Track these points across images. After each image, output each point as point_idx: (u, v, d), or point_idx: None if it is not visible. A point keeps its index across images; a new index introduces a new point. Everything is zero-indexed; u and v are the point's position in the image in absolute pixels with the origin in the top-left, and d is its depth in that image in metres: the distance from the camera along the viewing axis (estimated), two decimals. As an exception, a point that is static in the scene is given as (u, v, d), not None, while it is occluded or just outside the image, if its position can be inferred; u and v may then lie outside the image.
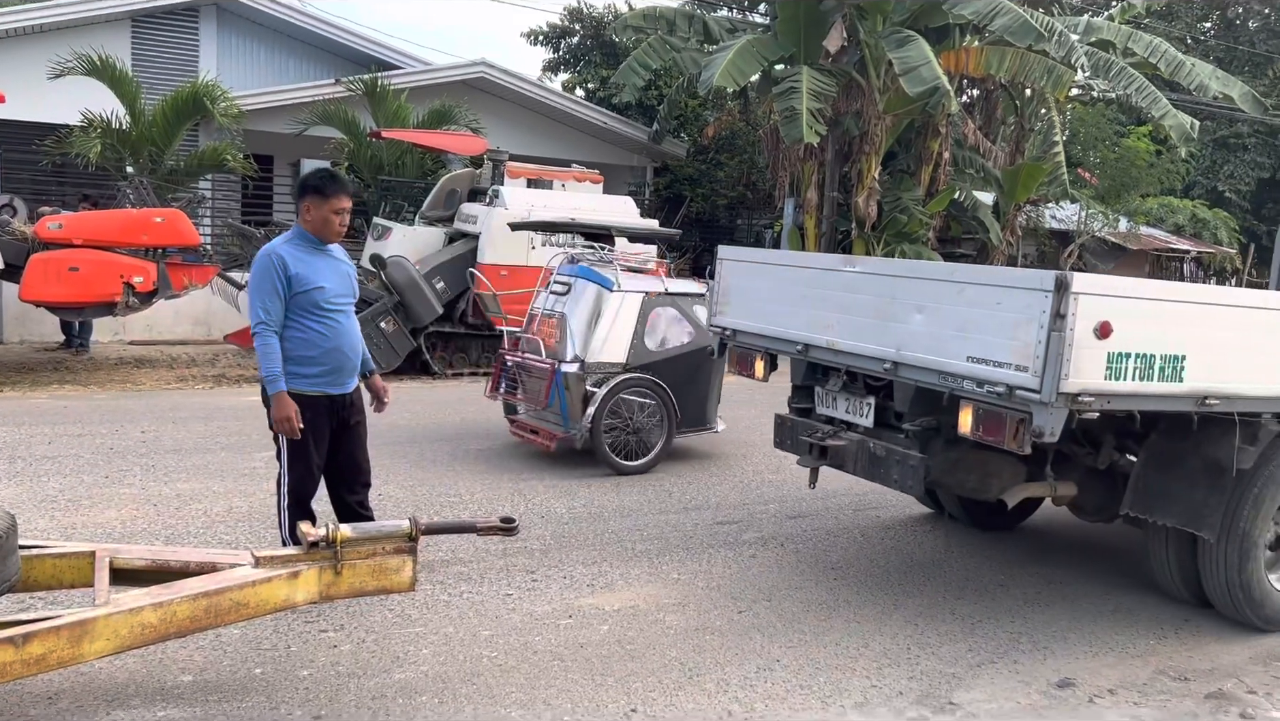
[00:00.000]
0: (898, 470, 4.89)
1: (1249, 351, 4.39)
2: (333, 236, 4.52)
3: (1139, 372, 4.06)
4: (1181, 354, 4.15)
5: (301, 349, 4.43)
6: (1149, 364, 4.08)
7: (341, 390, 4.58)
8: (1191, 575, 5.03)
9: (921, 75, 13.12)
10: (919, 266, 4.78)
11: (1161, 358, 4.11)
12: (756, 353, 5.61)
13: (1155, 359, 4.09)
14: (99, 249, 10.17)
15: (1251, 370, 4.41)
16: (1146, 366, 4.08)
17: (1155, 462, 4.89)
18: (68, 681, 3.76)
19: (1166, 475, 4.83)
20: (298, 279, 4.38)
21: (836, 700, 4.06)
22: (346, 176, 15.14)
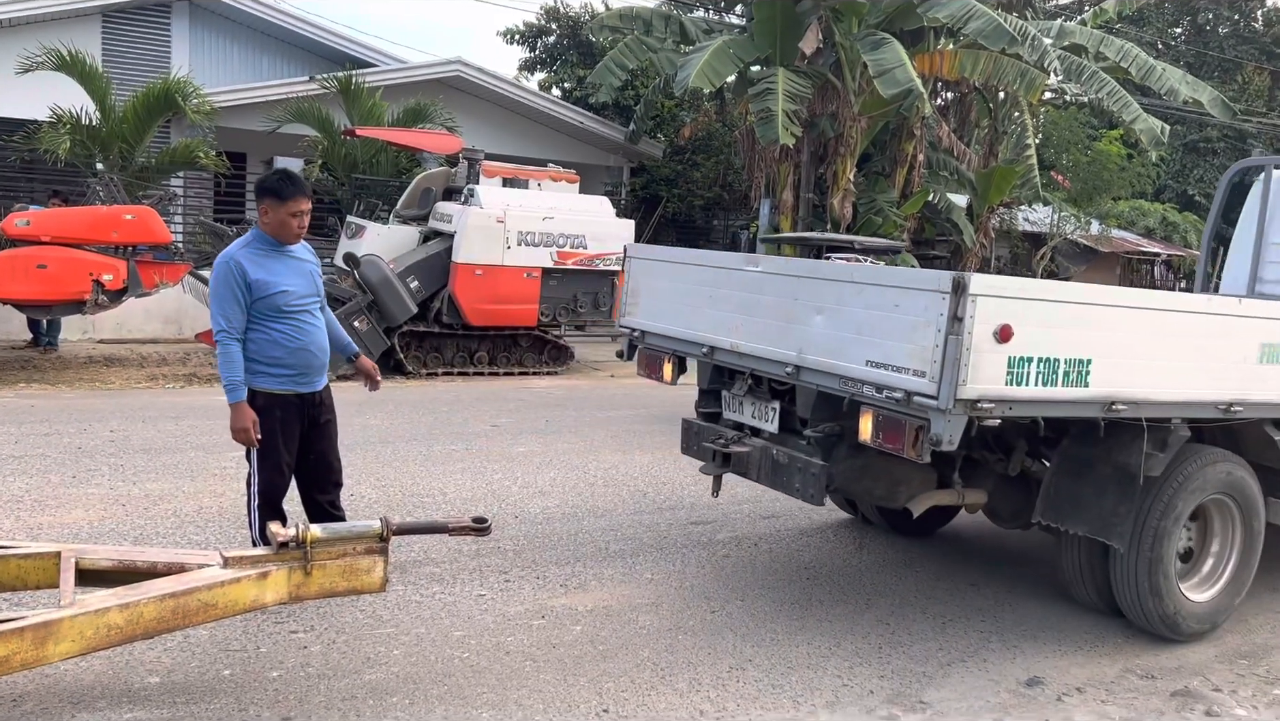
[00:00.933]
0: (799, 478, 4.68)
1: (1157, 355, 4.26)
2: (291, 239, 4.47)
3: (1042, 378, 3.92)
4: (1087, 358, 4.02)
5: (268, 350, 4.40)
6: (1053, 368, 3.94)
7: (311, 389, 4.55)
8: (1103, 584, 4.90)
9: (896, 78, 13.20)
10: (819, 267, 4.61)
11: (1066, 362, 3.97)
12: (664, 355, 5.39)
13: (1059, 363, 3.95)
14: (68, 246, 10.05)
15: (1160, 374, 4.28)
16: (1050, 371, 3.94)
17: (1067, 469, 4.76)
18: (32, 683, 3.71)
19: (1078, 482, 4.71)
20: (258, 284, 4.32)
21: (808, 699, 4.08)
22: (304, 177, 15.08)
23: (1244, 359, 4.53)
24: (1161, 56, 21.56)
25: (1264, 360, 4.61)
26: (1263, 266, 7.22)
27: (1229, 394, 4.54)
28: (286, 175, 4.54)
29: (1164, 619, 4.75)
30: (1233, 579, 5.00)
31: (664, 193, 19.65)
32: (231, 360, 4.32)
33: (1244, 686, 4.50)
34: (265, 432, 4.40)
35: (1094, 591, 4.98)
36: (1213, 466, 4.78)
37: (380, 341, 11.62)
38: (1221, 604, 4.98)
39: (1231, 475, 4.87)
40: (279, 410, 4.42)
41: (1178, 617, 4.78)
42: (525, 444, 8.47)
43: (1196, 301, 4.51)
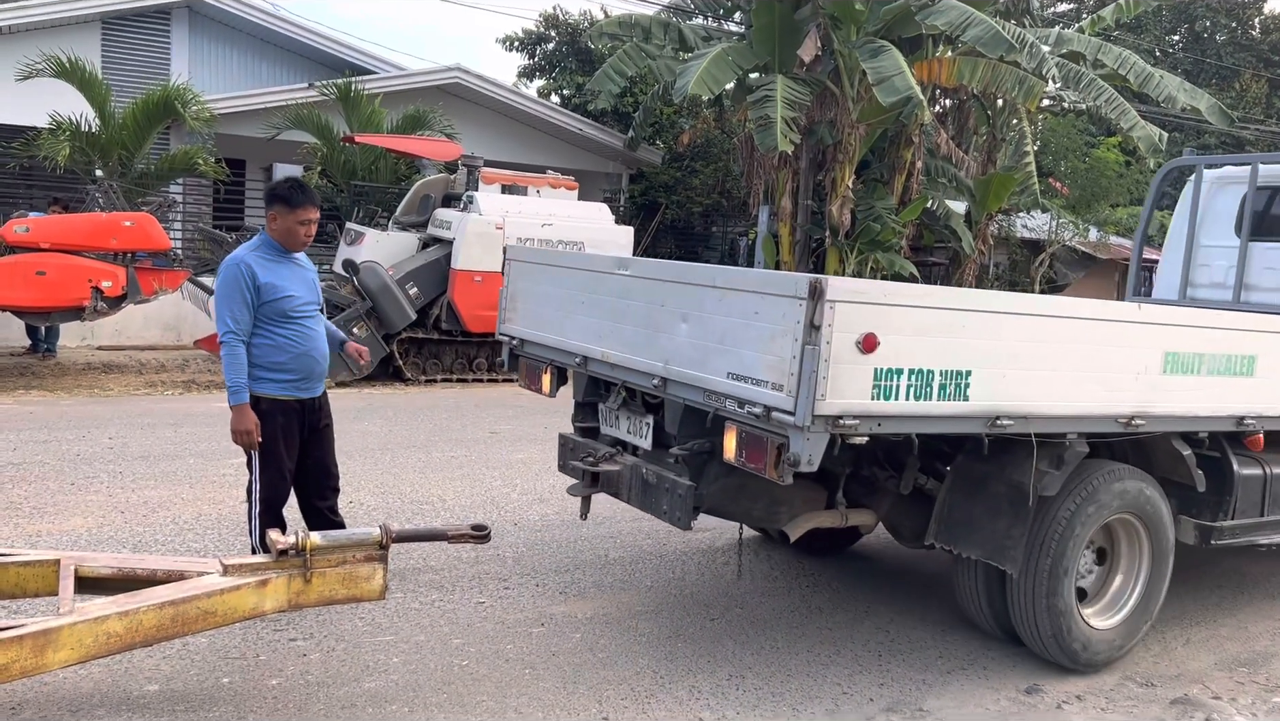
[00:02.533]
0: (667, 499, 4.31)
1: (1046, 365, 3.93)
2: (298, 246, 4.51)
3: (914, 391, 3.59)
4: (965, 369, 3.69)
5: (271, 355, 4.41)
6: (926, 381, 3.62)
7: (311, 394, 4.57)
8: (1001, 610, 4.57)
9: (895, 85, 13.21)
10: (685, 270, 4.21)
11: (942, 374, 3.64)
12: (542, 365, 5.04)
13: (934, 375, 3.63)
14: (67, 253, 10.06)
15: (1050, 386, 3.95)
16: (923, 384, 3.61)
17: (960, 488, 4.44)
18: (31, 691, 3.71)
19: (971, 502, 4.39)
20: (267, 288, 4.36)
21: (808, 707, 4.07)
22: (314, 187, 15.07)
23: (1145, 369, 4.20)
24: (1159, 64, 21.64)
25: (1169, 370, 4.28)
26: (1194, 270, 6.97)
27: (1129, 406, 4.21)
28: (297, 184, 4.57)
29: (1063, 647, 4.42)
30: (1140, 603, 4.68)
31: (663, 199, 19.67)
32: (237, 362, 4.33)
33: (1243, 694, 4.50)
34: (267, 439, 4.41)
35: (991, 618, 4.65)
36: (1116, 484, 4.44)
37: (379, 348, 11.61)
38: (1128, 630, 4.66)
39: (1137, 493, 4.53)
40: (280, 416, 4.43)
41: (1077, 646, 4.44)
42: (524, 450, 8.47)
43: (1089, 307, 4.13)
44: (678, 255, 19.19)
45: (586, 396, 4.94)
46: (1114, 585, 4.72)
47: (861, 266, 15.30)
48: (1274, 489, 5.08)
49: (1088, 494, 4.34)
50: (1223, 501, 4.92)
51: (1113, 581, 4.72)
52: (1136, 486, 4.53)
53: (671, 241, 19.76)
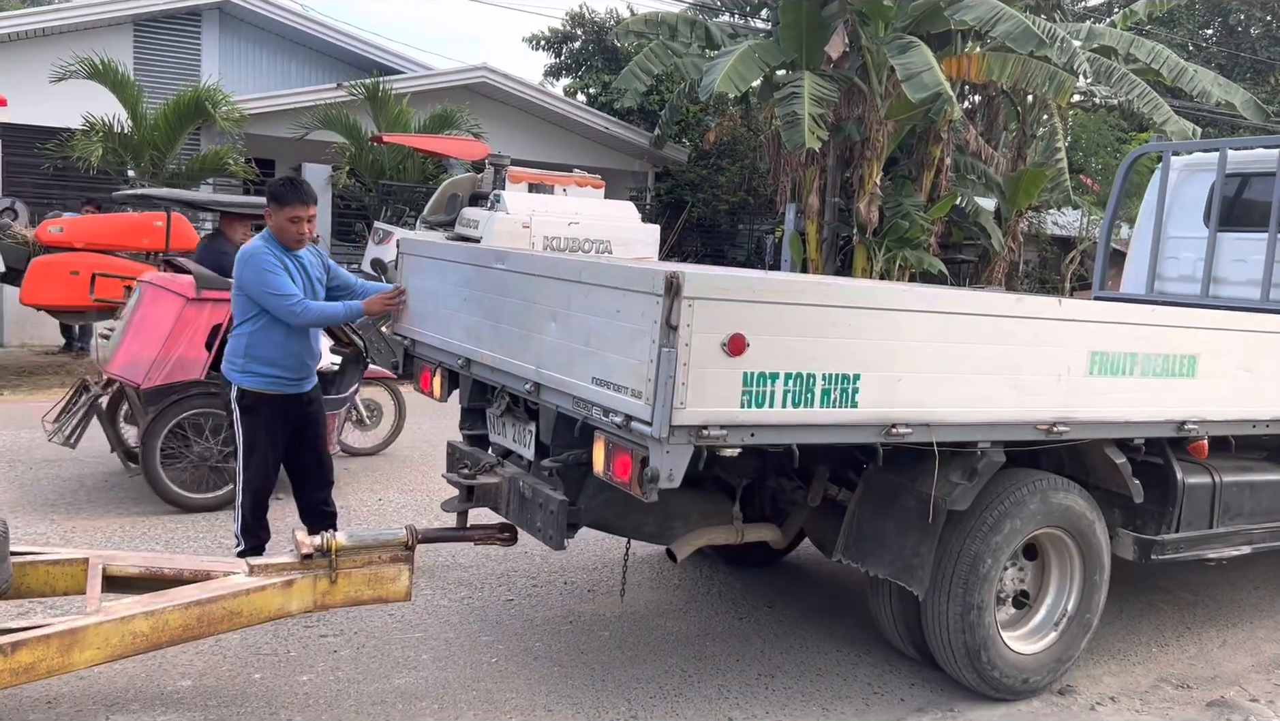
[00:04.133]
0: (540, 515, 3.98)
1: (952, 367, 3.58)
2: (291, 243, 4.52)
3: (793, 397, 3.25)
4: (854, 372, 3.36)
5: (262, 348, 4.47)
6: (807, 386, 3.28)
7: (300, 390, 4.64)
8: (916, 629, 4.21)
9: (923, 81, 13.13)
10: (553, 264, 3.89)
11: (825, 378, 3.30)
12: (429, 367, 4.71)
13: (815, 379, 3.29)
14: (100, 252, 10.17)
15: (955, 390, 3.60)
16: (803, 389, 3.27)
17: (870, 500, 4.08)
18: (67, 686, 3.75)
19: (881, 516, 4.02)
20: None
21: (838, 707, 4.05)
22: (343, 186, 15.14)
23: (1067, 370, 3.84)
24: (1193, 58, 21.32)
25: (1096, 371, 3.91)
26: (1162, 263, 6.62)
27: (1049, 412, 3.85)
28: (290, 181, 4.60)
29: (982, 675, 4.06)
30: (1073, 624, 4.30)
31: (689, 197, 19.63)
32: (324, 311, 4.60)
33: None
34: (252, 432, 4.49)
35: (907, 640, 4.30)
36: (1040, 496, 4.07)
37: (407, 346, 11.66)
38: (1058, 654, 4.28)
39: (1064, 505, 4.15)
40: (266, 410, 4.50)
41: (997, 673, 4.08)
42: (552, 449, 8.46)
43: (999, 303, 3.83)
44: (703, 254, 19.15)
45: (473, 401, 4.63)
46: (1043, 606, 4.33)
47: (890, 264, 15.22)
48: (1225, 499, 4.66)
49: (1006, 508, 3.97)
50: (1165, 513, 4.51)
51: (1041, 602, 4.34)
52: (1063, 498, 4.15)
53: (697, 240, 19.72)
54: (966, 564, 3.94)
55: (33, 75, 13.56)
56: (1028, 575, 4.32)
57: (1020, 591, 4.29)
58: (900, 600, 4.19)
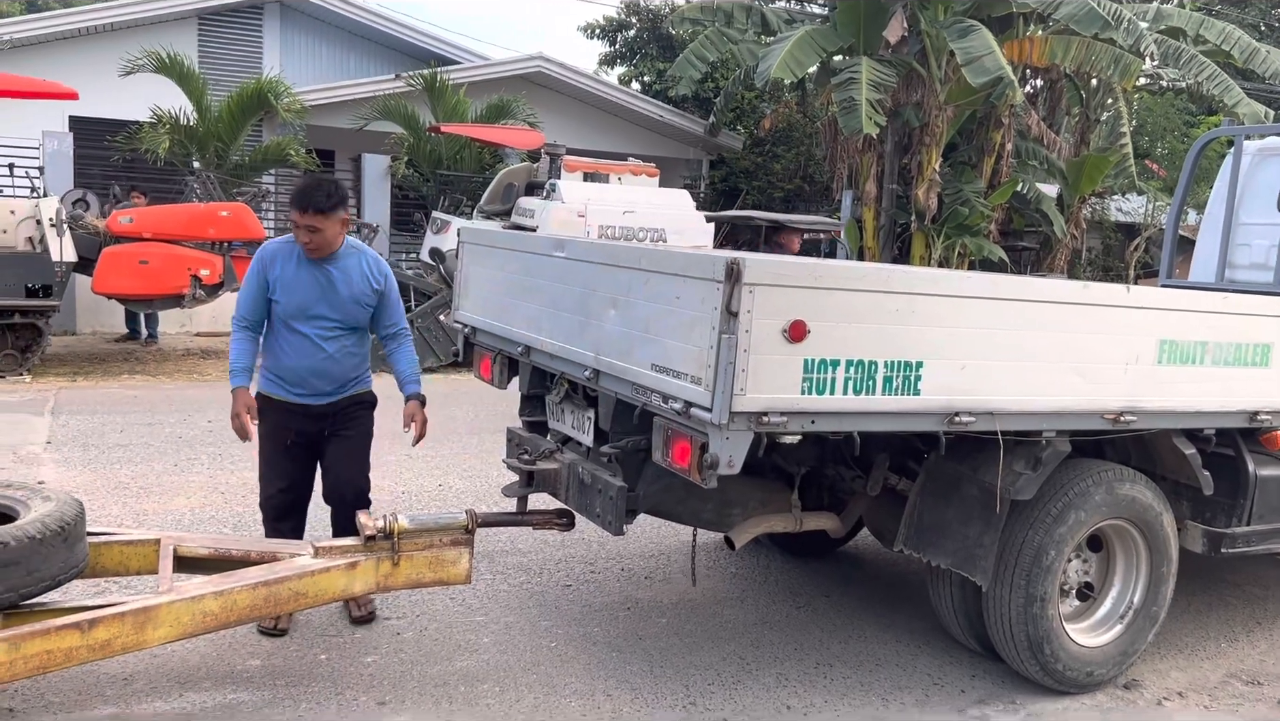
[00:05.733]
0: (599, 501, 3.99)
1: (1017, 355, 3.53)
2: (302, 248, 4.18)
3: (854, 384, 3.24)
4: (916, 360, 3.32)
5: (269, 355, 4.31)
6: (868, 373, 3.26)
7: (314, 401, 4.30)
8: (977, 620, 4.16)
9: (984, 65, 12.91)
10: (614, 251, 3.92)
11: (887, 365, 3.28)
12: (490, 354, 4.75)
13: (877, 366, 3.27)
14: (168, 242, 10.42)
15: (1022, 378, 3.56)
16: (865, 376, 3.25)
17: (932, 489, 4.04)
18: (141, 663, 3.86)
19: (943, 505, 3.99)
20: (273, 283, 4.20)
21: (897, 697, 4.03)
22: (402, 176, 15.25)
23: (1136, 359, 3.77)
24: (1265, 39, 20.69)
25: (1165, 360, 3.84)
26: (1233, 250, 6.41)
27: (1116, 401, 3.77)
28: (307, 183, 4.26)
29: (1045, 667, 4.01)
30: (1139, 617, 4.23)
31: (744, 185, 19.54)
32: (237, 347, 4.23)
33: (1358, 695, 4.31)
34: (260, 435, 4.30)
35: (968, 631, 4.25)
36: (1105, 487, 4.00)
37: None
38: (1124, 647, 4.21)
39: (1131, 496, 4.07)
40: (272, 414, 4.28)
41: (1060, 666, 4.02)
42: (608, 436, 8.51)
43: (1067, 290, 3.75)
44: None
45: (532, 388, 4.61)
46: (1108, 598, 4.27)
47: (949, 251, 15.01)
48: None
49: (1071, 498, 3.92)
50: (1236, 505, 4.40)
51: (1106, 594, 4.28)
52: (1129, 489, 4.07)
53: (752, 228, 19.63)
54: (1030, 555, 3.89)
55: (102, 69, 13.91)
56: (1092, 567, 4.26)
57: (1084, 583, 4.23)
58: (961, 591, 4.16)
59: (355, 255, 4.30)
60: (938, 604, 4.35)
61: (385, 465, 7.17)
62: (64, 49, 15.03)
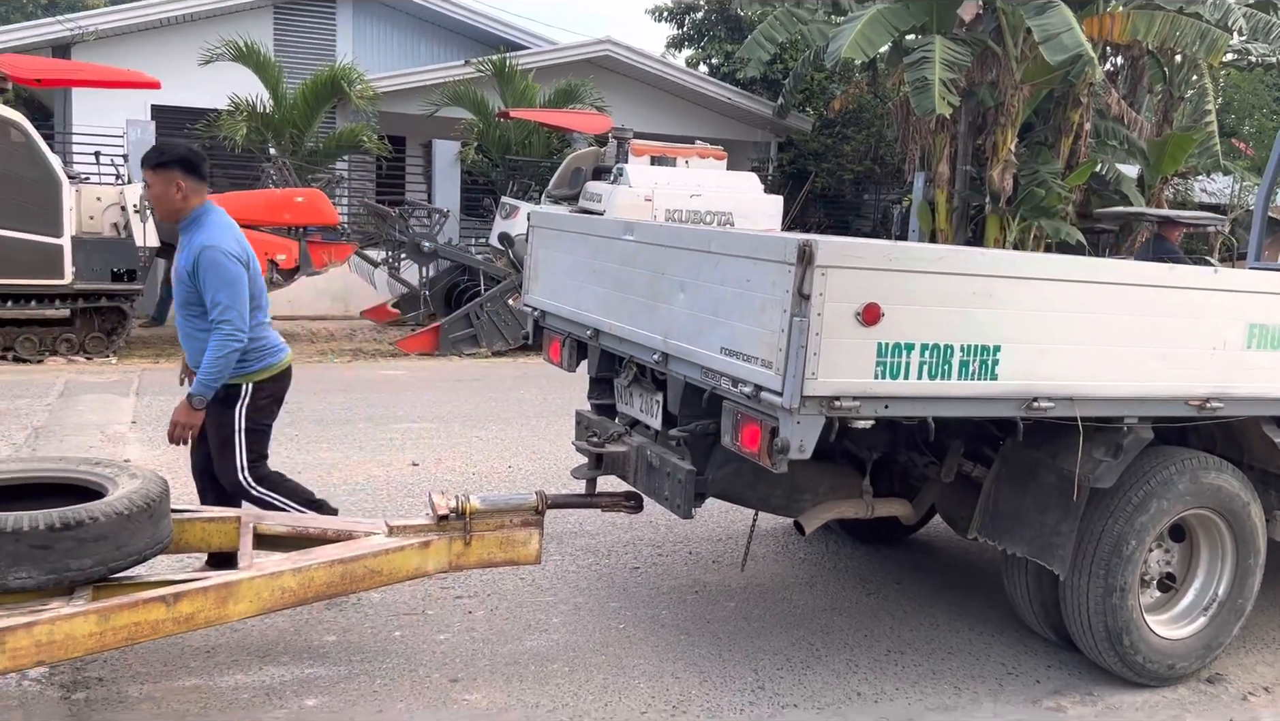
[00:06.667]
0: (668, 484, 4.00)
1: (1099, 339, 3.45)
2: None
3: (930, 369, 3.19)
4: (994, 344, 3.26)
5: None
6: (944, 357, 3.20)
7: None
8: (1053, 610, 4.08)
9: (1063, 43, 12.56)
10: (683, 234, 3.93)
11: (964, 349, 3.22)
12: (559, 338, 4.77)
13: (953, 351, 3.21)
14: (246, 227, 10.63)
15: (1101, 363, 3.48)
16: (940, 361, 3.20)
17: (1008, 476, 3.97)
18: (222, 638, 3.98)
19: (1020, 492, 3.91)
20: None
21: (970, 686, 3.97)
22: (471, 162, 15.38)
23: (1223, 343, 3.65)
24: (1362, 10, 19.80)
25: (1254, 345, 3.70)
26: None
27: (1202, 387, 3.67)
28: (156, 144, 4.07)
29: (1123, 659, 3.91)
30: (1223, 610, 4.09)
31: (813, 167, 19.33)
32: None
33: None
34: None
35: (1044, 621, 4.17)
36: (1189, 476, 3.87)
37: (533, 318, 11.87)
38: (1207, 640, 4.09)
39: (1216, 486, 3.94)
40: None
41: (1140, 658, 3.92)
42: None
43: (1150, 272, 3.62)
44: (827, 224, 18.84)
45: (601, 371, 4.64)
46: (1190, 589, 4.14)
47: (1024, 234, 14.68)
48: None
49: (1153, 487, 3.81)
50: None
51: (1189, 586, 4.15)
52: (1214, 478, 3.94)
53: (821, 211, 19.42)
54: (1109, 544, 3.80)
55: (182, 59, 14.26)
56: (1174, 557, 4.14)
57: (1166, 574, 4.11)
58: (1038, 580, 4.08)
59: (201, 230, 4.08)
60: (1012, 592, 4.27)
61: (455, 447, 7.29)
62: (146, 40, 15.44)
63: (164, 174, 4.03)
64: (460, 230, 15.33)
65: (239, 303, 4.04)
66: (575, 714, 3.60)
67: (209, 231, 4.06)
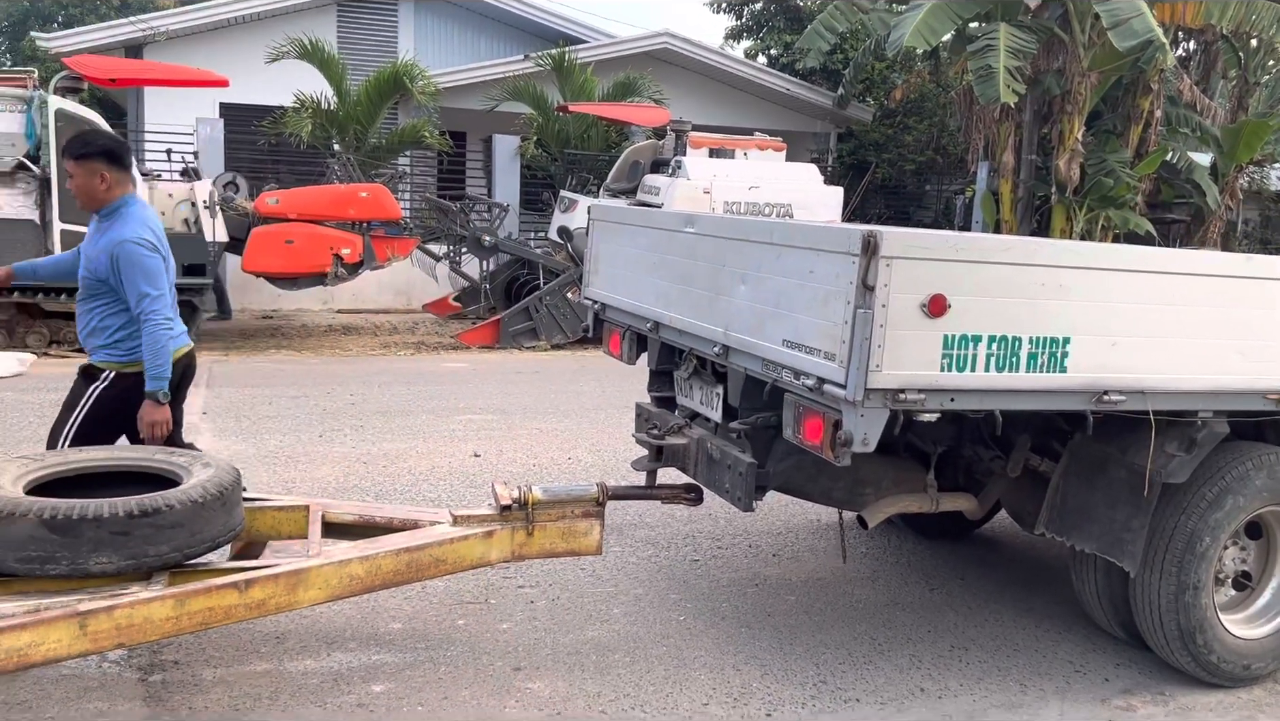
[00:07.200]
0: (729, 477, 3.99)
1: (1172, 331, 3.38)
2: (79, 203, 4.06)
3: (997, 361, 3.15)
4: (1063, 336, 3.22)
5: None
6: (1012, 349, 3.16)
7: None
8: (1122, 607, 4.00)
9: (1133, 28, 12.26)
10: (744, 226, 3.92)
11: (1032, 341, 3.19)
12: (618, 330, 4.78)
13: (1021, 343, 3.18)
14: (311, 223, 10.86)
15: (1175, 355, 3.41)
16: (1008, 353, 3.16)
17: (1077, 471, 3.89)
18: (292, 624, 4.07)
19: (1089, 488, 3.84)
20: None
21: (1036, 684, 3.91)
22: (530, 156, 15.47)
23: None
24: None
25: None
26: None
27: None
28: (77, 133, 4.05)
29: (1197, 658, 3.83)
30: None
31: (873, 158, 19.11)
32: None
33: None
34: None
35: (1114, 618, 4.09)
36: (1266, 471, 3.77)
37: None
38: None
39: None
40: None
41: (1214, 658, 3.83)
42: (734, 413, 8.49)
43: (1223, 262, 3.53)
44: (888, 216, 18.62)
45: (660, 364, 4.64)
46: (1268, 588, 4.05)
47: (1091, 224, 14.36)
48: None
49: (1228, 483, 3.72)
50: None
51: (1266, 584, 4.05)
52: None
53: (881, 202, 19.19)
54: (1182, 541, 3.72)
55: (249, 57, 14.55)
56: (1250, 555, 4.03)
57: (1242, 572, 4.01)
58: (1107, 577, 4.00)
59: (120, 223, 4.01)
60: (1080, 589, 4.19)
61: (516, 438, 7.36)
62: (214, 39, 15.79)
63: (87, 164, 3.95)
64: (519, 224, 15.44)
65: (161, 290, 4.01)
66: (637, 703, 3.62)
67: (127, 225, 4.00)
